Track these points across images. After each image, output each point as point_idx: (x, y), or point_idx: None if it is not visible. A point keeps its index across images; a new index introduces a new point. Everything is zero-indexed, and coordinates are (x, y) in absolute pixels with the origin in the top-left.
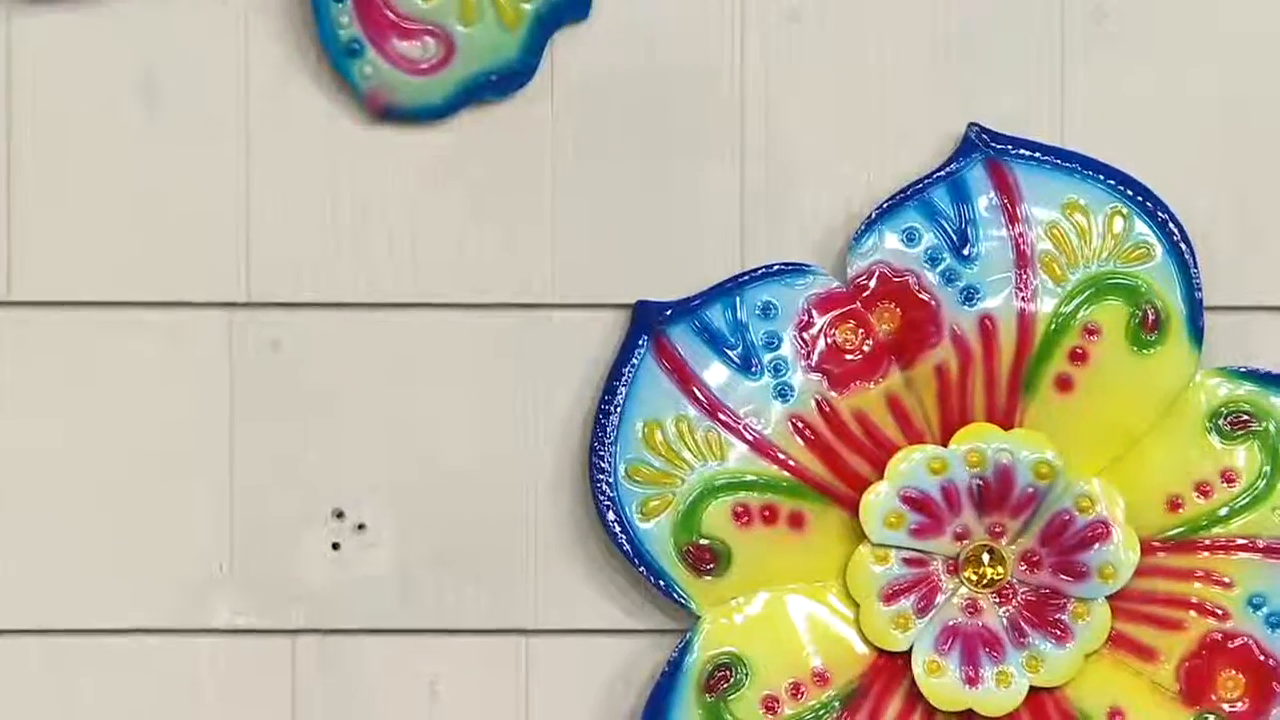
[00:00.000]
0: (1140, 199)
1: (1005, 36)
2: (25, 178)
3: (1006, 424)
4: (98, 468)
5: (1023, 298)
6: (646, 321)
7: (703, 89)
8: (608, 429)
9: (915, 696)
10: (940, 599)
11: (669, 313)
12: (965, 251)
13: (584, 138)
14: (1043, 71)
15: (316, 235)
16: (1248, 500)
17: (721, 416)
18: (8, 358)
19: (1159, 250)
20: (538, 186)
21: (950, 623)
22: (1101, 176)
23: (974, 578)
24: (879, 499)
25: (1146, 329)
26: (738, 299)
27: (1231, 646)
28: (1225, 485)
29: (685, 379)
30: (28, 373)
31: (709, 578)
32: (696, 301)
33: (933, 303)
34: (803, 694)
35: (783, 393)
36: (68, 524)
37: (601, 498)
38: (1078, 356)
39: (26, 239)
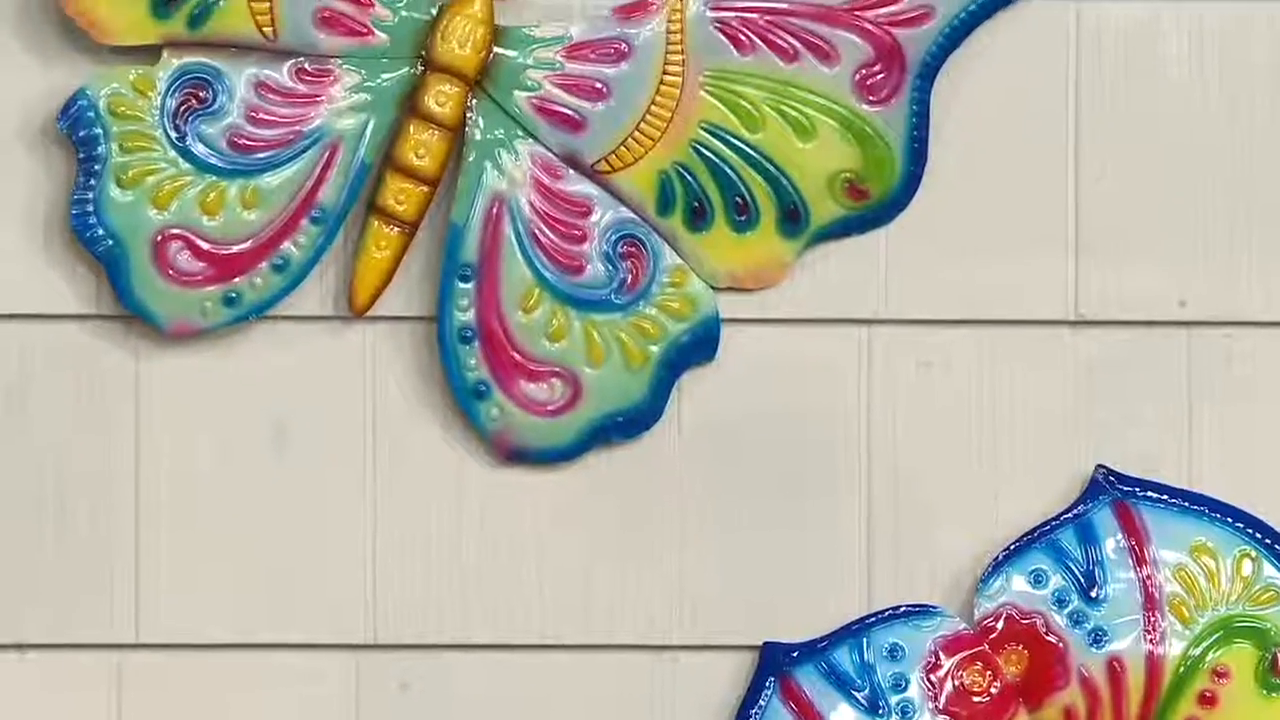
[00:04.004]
0: (1269, 542)
1: (1134, 378)
2: (153, 520)
3: None
4: None
5: (1151, 640)
6: (773, 663)
7: (830, 431)
8: None
9: None
10: None
11: (796, 654)
12: (1093, 594)
13: (711, 479)
14: (1172, 413)
15: (444, 576)
16: None
17: None
18: (137, 701)
19: None
20: (665, 528)
21: None
22: (1230, 519)
23: None
24: None
25: (1276, 672)
26: (865, 640)
27: None
28: None
29: None
30: (156, 716)
31: None
32: (823, 643)
33: (1060, 645)
34: None
35: None
36: None
37: None
38: (1207, 700)
39: (154, 582)
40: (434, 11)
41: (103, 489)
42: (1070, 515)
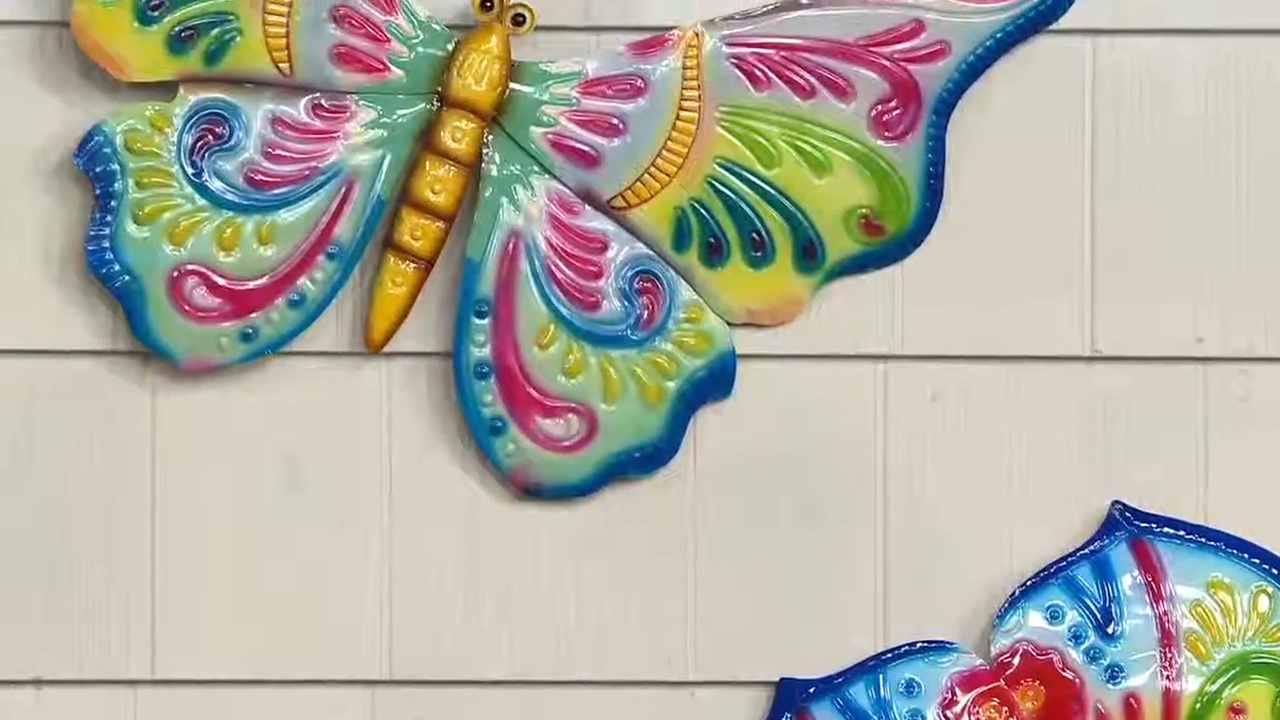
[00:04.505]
0: None
1: (1150, 414)
2: (168, 556)
3: None
4: None
5: (1167, 676)
6: (790, 699)
7: (845, 466)
8: None
9: None
10: None
11: (812, 690)
12: (1109, 630)
13: (726, 514)
14: (1188, 449)
15: (459, 612)
16: None
17: None
18: None
19: None
20: (680, 564)
21: None
22: (1246, 555)
23: None
24: None
25: None
26: (881, 677)
27: None
28: None
29: None
30: None
31: None
32: (839, 679)
33: (1076, 681)
34: None
35: None
36: None
37: None
38: None
39: (169, 618)
40: (450, 47)
41: (118, 524)
42: (1086, 551)
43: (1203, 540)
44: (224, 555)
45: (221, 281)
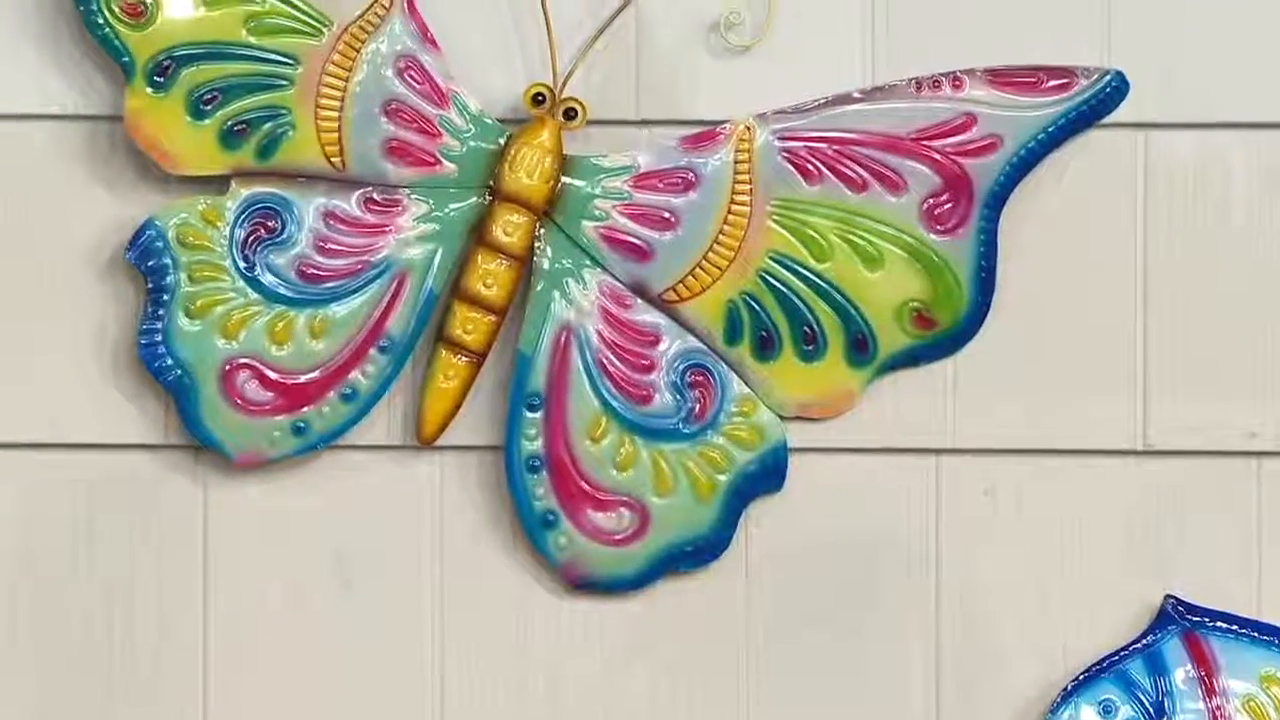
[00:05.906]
0: None
1: (1203, 508)
2: (220, 650)
3: None
4: None
5: None
6: None
7: (897, 560)
8: None
9: None
10: None
11: None
12: None
13: (777, 608)
14: (1241, 543)
15: (512, 706)
16: None
17: None
18: None
19: None
20: (731, 658)
21: None
22: None
23: None
24: None
25: None
26: None
27: None
28: None
29: None
30: None
31: None
32: None
33: None
34: None
35: None
36: None
37: None
38: None
39: (221, 712)
40: (502, 141)
41: (170, 618)
42: (1139, 645)
43: (1256, 634)
44: (275, 649)
45: (273, 375)
